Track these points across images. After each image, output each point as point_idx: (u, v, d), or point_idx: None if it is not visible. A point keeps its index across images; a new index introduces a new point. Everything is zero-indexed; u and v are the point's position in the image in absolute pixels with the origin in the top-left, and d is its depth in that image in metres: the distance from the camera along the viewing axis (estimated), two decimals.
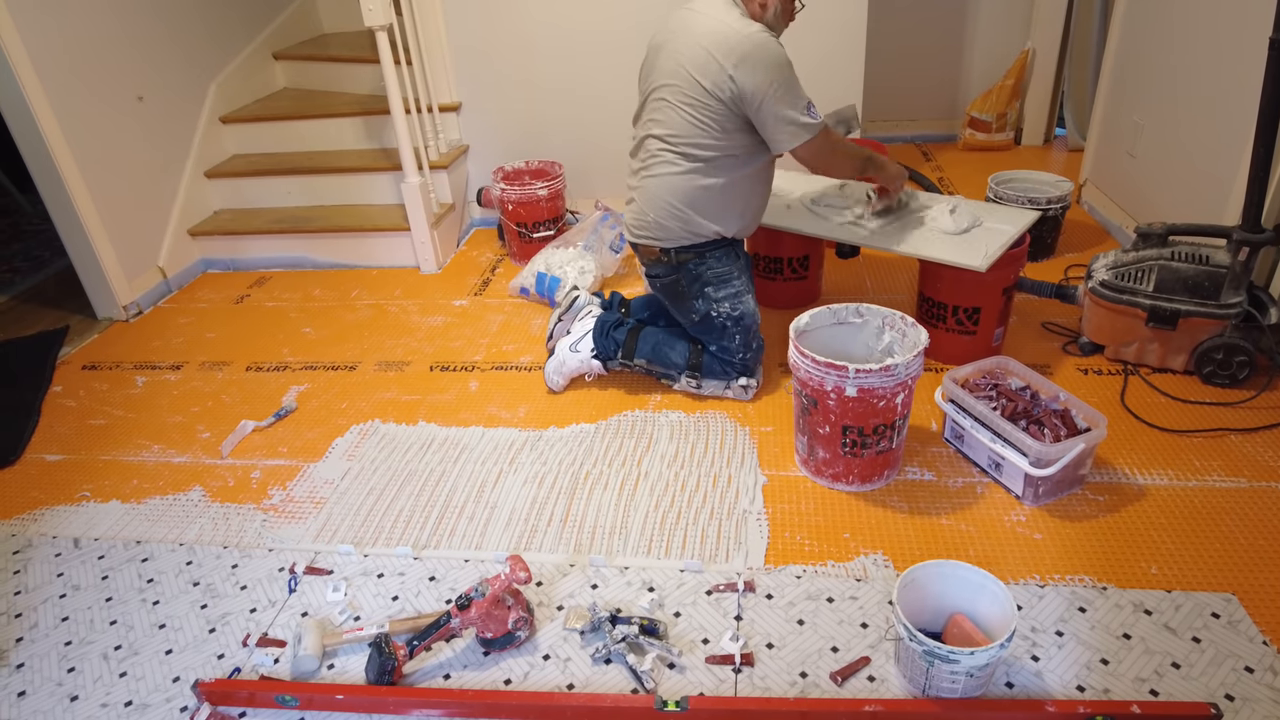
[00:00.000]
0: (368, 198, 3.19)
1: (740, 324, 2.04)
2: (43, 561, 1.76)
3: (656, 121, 1.94)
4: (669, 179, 1.95)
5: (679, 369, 2.11)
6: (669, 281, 2.07)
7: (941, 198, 2.30)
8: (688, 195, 1.94)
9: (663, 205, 1.97)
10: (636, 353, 2.13)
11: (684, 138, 1.90)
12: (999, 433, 1.70)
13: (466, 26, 3.06)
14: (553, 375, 2.18)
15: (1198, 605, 1.44)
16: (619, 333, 2.15)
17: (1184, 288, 1.97)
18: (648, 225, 2.01)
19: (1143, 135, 2.67)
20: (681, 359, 2.10)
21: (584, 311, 2.22)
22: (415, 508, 1.83)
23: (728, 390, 2.12)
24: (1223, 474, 1.74)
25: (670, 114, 1.90)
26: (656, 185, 1.97)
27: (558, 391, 2.20)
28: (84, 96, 2.66)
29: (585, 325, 2.17)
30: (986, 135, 3.78)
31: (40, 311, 2.99)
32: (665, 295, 2.12)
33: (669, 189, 1.95)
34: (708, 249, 2.01)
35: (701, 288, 2.03)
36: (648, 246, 2.04)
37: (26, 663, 1.52)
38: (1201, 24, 2.34)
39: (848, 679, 1.36)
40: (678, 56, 1.88)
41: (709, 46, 1.81)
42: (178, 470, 2.03)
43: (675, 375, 2.13)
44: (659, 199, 1.97)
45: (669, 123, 1.91)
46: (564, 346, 2.16)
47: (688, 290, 2.05)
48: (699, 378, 2.11)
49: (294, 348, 2.57)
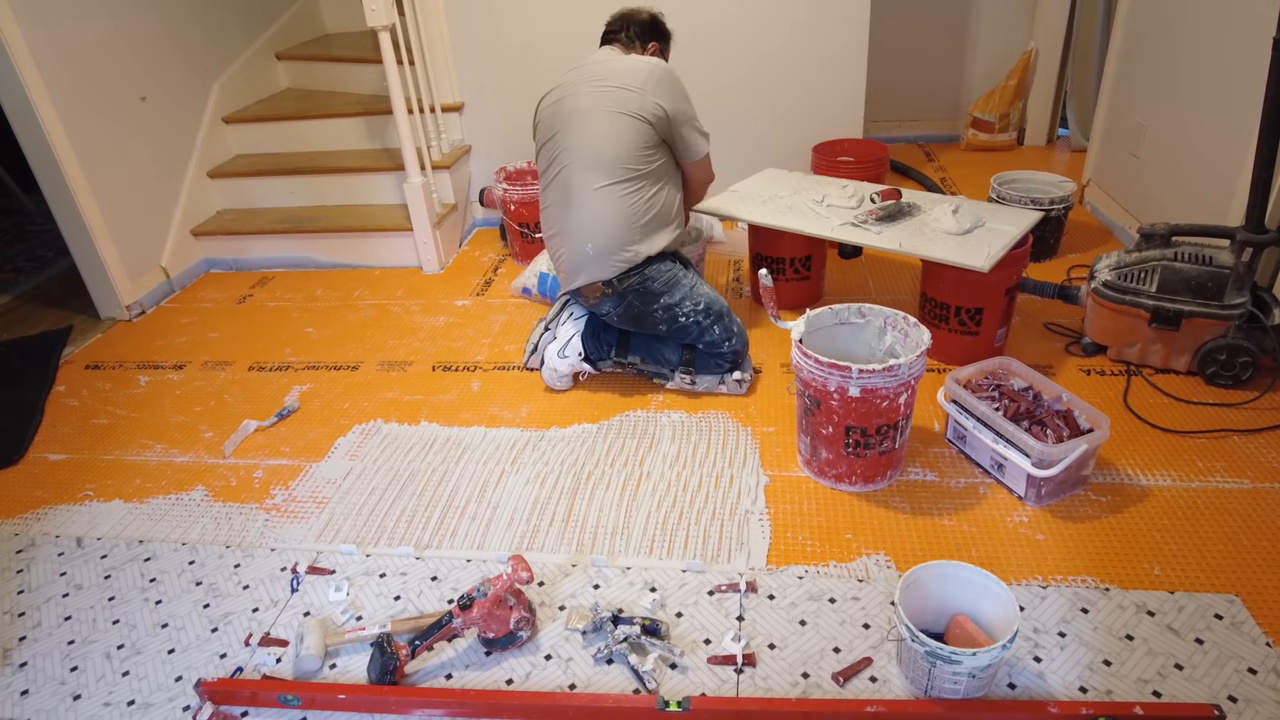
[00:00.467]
0: (370, 198, 3.19)
1: (710, 313, 2.06)
2: (46, 560, 1.77)
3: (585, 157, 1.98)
4: (602, 204, 1.97)
5: (672, 366, 2.13)
6: (622, 310, 2.07)
7: (944, 198, 2.30)
8: (627, 214, 1.98)
9: (601, 232, 1.98)
10: (630, 351, 2.15)
11: (622, 162, 1.97)
12: (1001, 433, 1.70)
13: (469, 27, 3.07)
14: (554, 382, 2.19)
15: (1201, 606, 1.43)
16: (609, 334, 2.16)
17: (1187, 288, 1.96)
18: (585, 260, 2.01)
19: (1146, 136, 2.66)
20: (675, 355, 2.12)
21: (568, 316, 2.19)
22: (417, 507, 1.83)
23: (721, 385, 2.13)
24: (1226, 475, 1.74)
25: (601, 143, 1.96)
26: (589, 215, 1.98)
27: (562, 391, 2.20)
28: (87, 97, 2.67)
29: (569, 330, 2.17)
30: (989, 135, 3.78)
31: (43, 311, 2.99)
32: (626, 322, 2.11)
33: (604, 214, 1.97)
34: (644, 265, 2.02)
35: (655, 299, 2.04)
36: (590, 286, 2.03)
37: (30, 661, 1.52)
38: (1204, 24, 2.33)
39: (850, 679, 1.36)
40: (596, 99, 1.99)
41: (628, 79, 1.98)
42: (180, 470, 2.03)
43: (669, 373, 2.14)
44: (594, 228, 1.98)
45: (603, 154, 1.96)
46: (551, 354, 2.16)
47: (644, 309, 2.05)
48: (693, 373, 2.12)
49: (296, 347, 2.57)
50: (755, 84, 3.11)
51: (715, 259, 2.93)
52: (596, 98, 1.99)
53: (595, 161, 1.97)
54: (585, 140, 1.98)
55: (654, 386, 2.20)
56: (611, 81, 1.99)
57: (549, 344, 2.19)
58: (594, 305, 2.09)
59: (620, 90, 1.98)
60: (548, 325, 2.22)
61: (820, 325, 1.81)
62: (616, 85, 1.98)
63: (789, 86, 3.10)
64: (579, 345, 2.15)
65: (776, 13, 2.97)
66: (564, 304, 2.23)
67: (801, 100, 3.12)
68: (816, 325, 1.80)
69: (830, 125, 3.13)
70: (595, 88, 2.00)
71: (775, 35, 3.02)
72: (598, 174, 1.97)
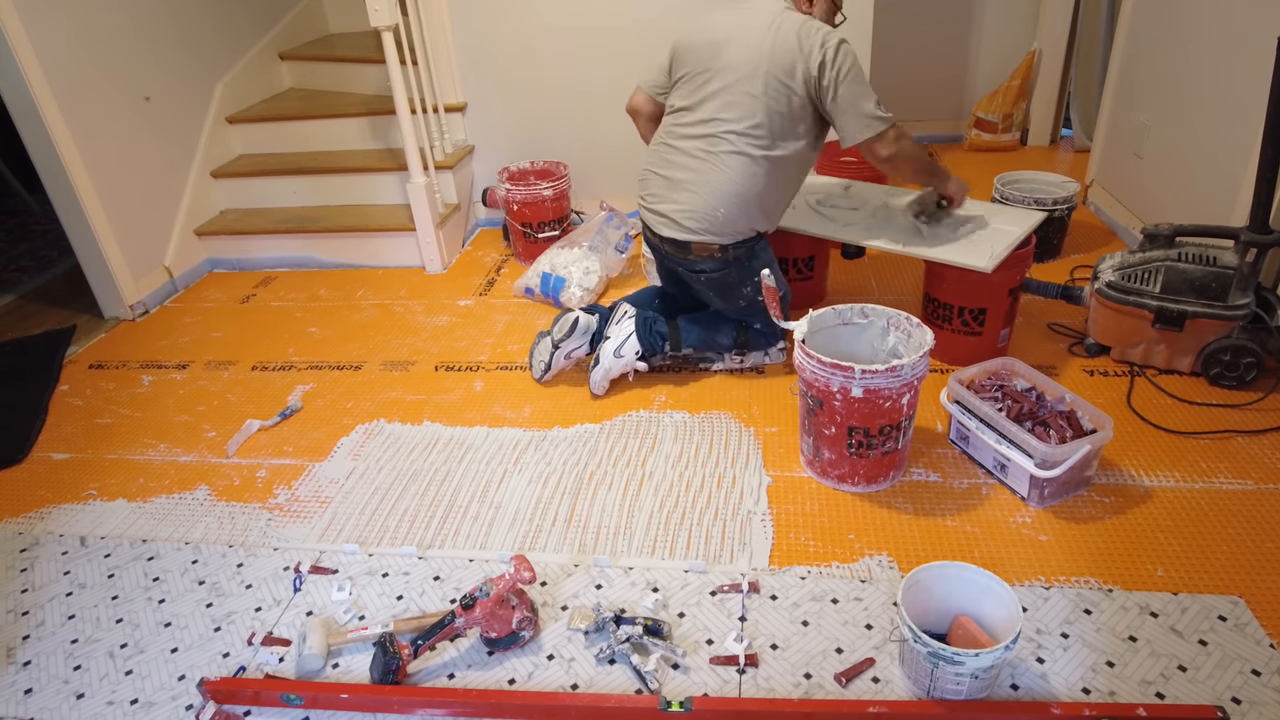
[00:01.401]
0: (373, 198, 3.19)
1: (784, 300, 2.07)
2: (49, 559, 1.77)
3: (730, 111, 1.92)
4: (743, 172, 1.94)
5: (726, 349, 2.19)
6: (718, 276, 2.07)
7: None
8: (759, 188, 1.96)
9: (733, 199, 1.95)
10: (683, 343, 2.16)
11: (763, 130, 1.91)
12: (1004, 434, 1.70)
13: (472, 27, 3.07)
14: (601, 383, 2.15)
15: (1204, 608, 1.43)
16: (660, 327, 2.16)
17: (1191, 289, 1.96)
18: (712, 221, 1.97)
19: (1149, 136, 2.66)
20: (729, 339, 2.18)
21: (621, 315, 2.16)
22: (420, 507, 1.83)
23: (766, 357, 2.23)
24: (1229, 476, 1.73)
25: (750, 105, 1.90)
26: (726, 179, 1.94)
27: (600, 396, 2.17)
28: (91, 97, 2.67)
29: (624, 329, 2.13)
30: (992, 136, 3.77)
31: (47, 311, 3.00)
32: (711, 288, 2.11)
33: (741, 182, 1.94)
34: (757, 240, 2.06)
35: (751, 276, 2.07)
36: (703, 244, 2.01)
37: (33, 660, 1.53)
38: (1209, 24, 2.33)
39: (852, 680, 1.36)
40: (752, 50, 1.89)
41: (788, 39, 1.86)
42: (183, 469, 2.04)
43: (720, 355, 2.21)
44: (729, 193, 1.95)
45: (748, 114, 1.91)
46: (608, 353, 2.12)
47: (739, 280, 2.08)
48: (745, 353, 2.20)
49: (299, 347, 2.57)
50: None
51: None
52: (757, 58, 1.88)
53: (750, 128, 1.91)
54: (741, 101, 1.90)
55: (656, 387, 2.20)
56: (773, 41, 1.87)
57: (602, 344, 2.14)
58: (691, 261, 2.06)
59: (778, 54, 1.87)
60: (556, 343, 2.18)
61: (823, 325, 1.81)
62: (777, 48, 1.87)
63: None
64: (635, 344, 2.13)
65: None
66: (573, 323, 2.17)
67: None
68: (819, 325, 1.80)
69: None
70: (756, 39, 1.89)
71: None
72: (752, 142, 1.92)
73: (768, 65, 1.88)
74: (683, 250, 2.05)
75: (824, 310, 1.80)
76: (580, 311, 2.21)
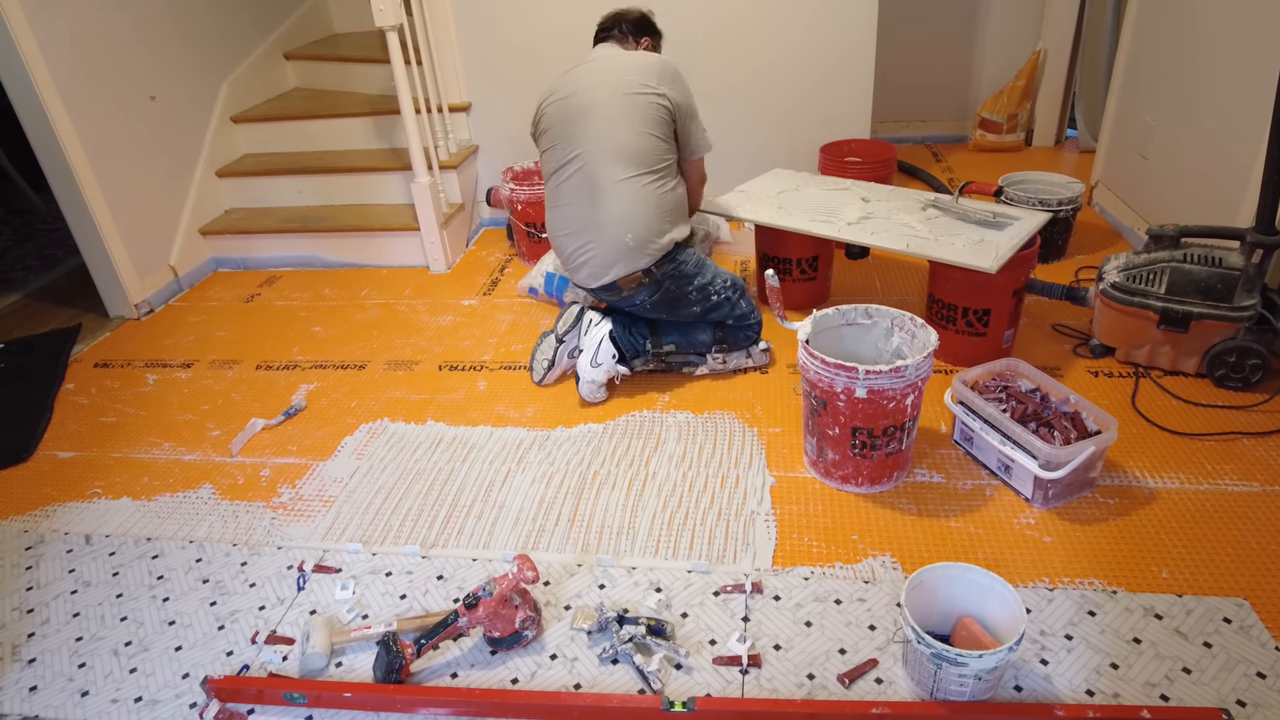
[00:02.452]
0: (378, 197, 3.20)
1: (736, 287, 2.16)
2: (54, 557, 1.78)
3: (609, 150, 2.00)
4: (633, 197, 1.99)
5: (707, 346, 2.19)
6: (658, 297, 2.10)
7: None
8: (658, 203, 2.01)
9: (636, 222, 1.99)
10: (664, 340, 2.17)
11: (646, 153, 2.00)
12: (1009, 435, 1.69)
13: (476, 27, 3.07)
14: (591, 393, 2.13)
15: (1209, 610, 1.43)
16: (639, 327, 2.16)
17: (1196, 290, 1.95)
18: (624, 251, 2.01)
19: (1155, 136, 2.65)
20: (709, 337, 2.19)
21: (589, 325, 2.17)
22: (424, 507, 1.83)
23: (749, 359, 2.23)
24: (1235, 478, 1.73)
25: (626, 136, 1.99)
26: (620, 209, 2.00)
27: (599, 403, 2.15)
28: (97, 96, 2.68)
29: (595, 336, 2.13)
30: (997, 136, 3.77)
31: (53, 309, 3.01)
32: (659, 309, 2.14)
33: (635, 205, 1.99)
34: (679, 250, 2.09)
35: (690, 281, 2.10)
36: (629, 277, 2.04)
37: (38, 658, 1.53)
38: (1214, 24, 2.32)
39: (855, 681, 1.36)
40: (611, 92, 2.01)
41: (637, 74, 2.02)
42: (188, 468, 2.04)
43: (702, 356, 2.20)
44: (627, 218, 1.99)
45: (627, 146, 1.99)
46: (584, 366, 2.11)
47: (680, 291, 2.10)
48: (725, 351, 2.20)
49: (304, 346, 2.58)
50: (763, 84, 3.10)
51: (722, 259, 2.92)
52: (611, 92, 2.01)
53: (621, 153, 1.99)
54: (607, 133, 2.00)
55: (660, 387, 2.20)
56: (624, 76, 2.02)
57: (578, 357, 2.15)
58: (627, 296, 2.09)
59: (635, 84, 2.01)
60: (560, 337, 2.19)
61: (827, 326, 1.81)
62: (630, 79, 2.01)
63: (796, 86, 3.09)
64: (610, 348, 2.12)
65: (785, 13, 2.97)
66: (577, 315, 2.19)
67: (809, 100, 3.11)
68: (823, 326, 1.80)
69: (838, 125, 3.12)
70: (608, 82, 2.02)
71: (783, 35, 3.01)
72: (625, 166, 1.99)
73: (621, 97, 2.00)
74: (613, 292, 2.09)
75: (828, 310, 1.80)
76: (583, 305, 2.23)
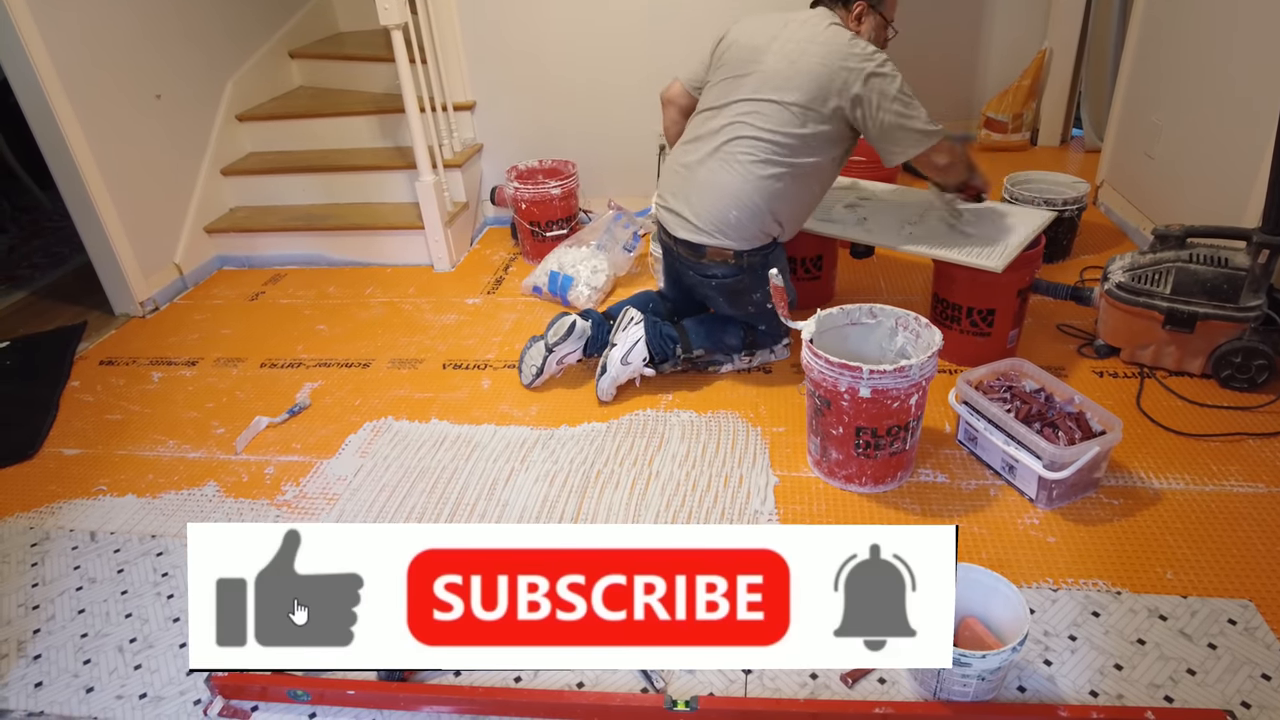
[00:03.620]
0: (382, 196, 3.20)
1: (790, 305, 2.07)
2: (60, 554, 1.78)
3: (756, 119, 1.91)
4: (760, 179, 1.92)
5: (735, 349, 2.19)
6: (730, 282, 2.05)
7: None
8: (775, 196, 1.94)
9: (746, 204, 1.94)
10: (694, 345, 2.14)
11: (788, 142, 1.90)
12: (1013, 435, 1.69)
13: (481, 25, 3.07)
14: (609, 389, 2.12)
15: (1214, 611, 1.42)
16: (668, 330, 2.14)
17: (1202, 290, 1.95)
18: (724, 225, 1.96)
19: (1161, 136, 2.64)
20: (738, 340, 2.18)
21: (628, 322, 2.13)
22: (427, 505, 1.84)
23: (772, 354, 2.25)
24: (1240, 479, 1.72)
25: (778, 116, 1.89)
26: (741, 184, 1.93)
27: (607, 402, 2.15)
28: (103, 94, 2.69)
29: (633, 335, 2.10)
30: (1002, 135, 3.76)
31: (59, 307, 3.02)
32: (721, 294, 2.10)
33: (757, 188, 1.93)
34: (773, 248, 2.04)
35: (762, 284, 2.04)
36: (718, 249, 1.99)
37: (44, 654, 1.54)
38: (1221, 23, 2.31)
39: (858, 681, 1.36)
40: (793, 61, 1.88)
41: (831, 58, 1.85)
42: (192, 465, 2.05)
43: (729, 357, 2.20)
44: (742, 198, 1.93)
45: (774, 125, 1.90)
46: (615, 360, 2.08)
47: (750, 287, 2.06)
48: (754, 353, 2.21)
49: (308, 345, 2.58)
50: None
51: None
52: (791, 70, 1.88)
53: (769, 136, 1.90)
54: (766, 109, 1.90)
55: (663, 387, 2.20)
56: (816, 56, 1.86)
57: (609, 351, 2.11)
58: (704, 265, 2.04)
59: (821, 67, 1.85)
60: (550, 346, 2.15)
61: (831, 325, 1.81)
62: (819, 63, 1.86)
63: None
64: (644, 350, 2.10)
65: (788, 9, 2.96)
66: (569, 327, 2.14)
67: None
68: (827, 325, 1.80)
69: None
70: (799, 51, 1.88)
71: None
72: (774, 151, 1.91)
73: (803, 80, 1.87)
74: (696, 253, 2.03)
75: (832, 310, 1.80)
76: (576, 316, 2.18)
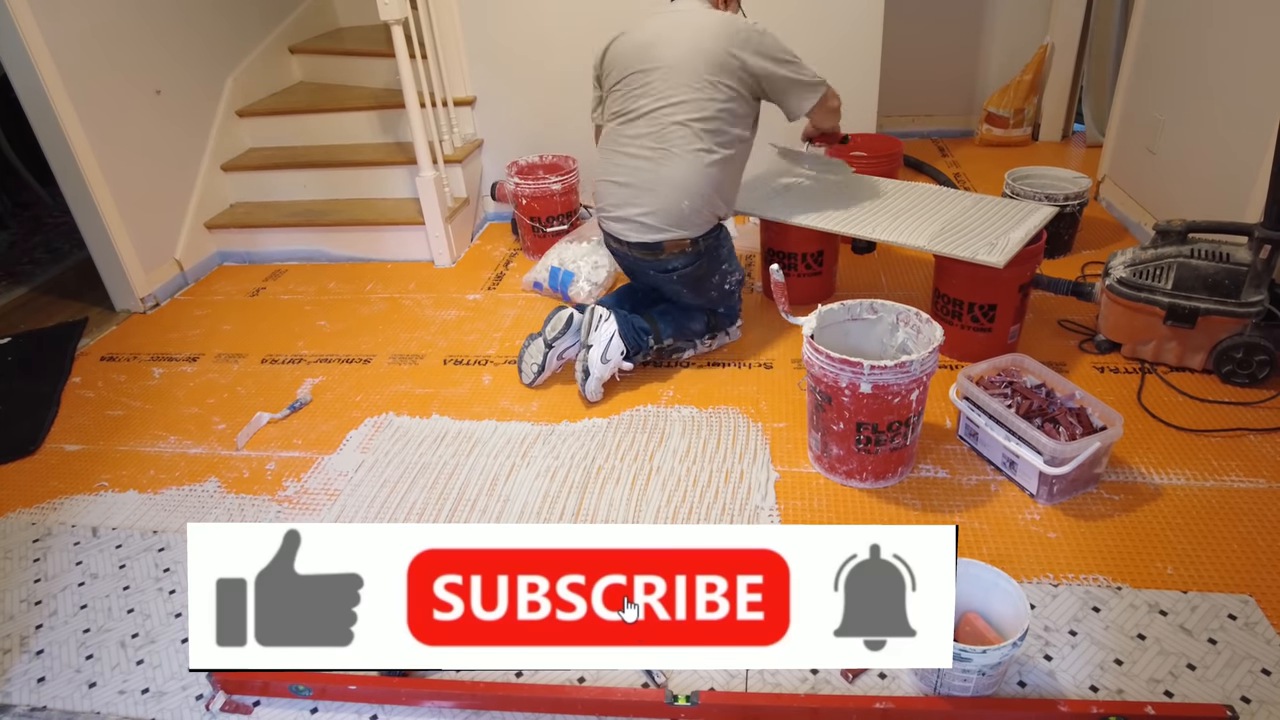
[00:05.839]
0: (382, 191, 3.20)
1: (741, 283, 2.23)
2: (62, 550, 1.79)
3: (674, 107, 1.98)
4: (705, 166, 1.99)
5: (700, 335, 2.24)
6: (689, 271, 2.10)
7: None
8: (719, 179, 2.03)
9: (695, 191, 1.99)
10: (663, 334, 2.18)
11: (710, 122, 1.98)
12: (1014, 430, 1.69)
13: (481, 21, 3.06)
14: (596, 390, 2.11)
15: (1214, 606, 1.42)
16: (640, 323, 2.16)
17: (1203, 286, 1.95)
18: (679, 216, 2.01)
19: (1163, 131, 2.64)
20: (701, 325, 2.24)
21: (598, 320, 2.13)
22: (428, 500, 1.84)
23: (728, 336, 2.33)
24: (1241, 474, 1.72)
25: (693, 100, 1.96)
26: (685, 172, 1.99)
27: (596, 402, 2.14)
28: (103, 90, 2.69)
29: (605, 332, 2.10)
30: (1004, 131, 3.75)
31: (60, 303, 3.02)
32: (683, 284, 2.14)
33: (704, 176, 2.00)
34: (720, 229, 2.12)
35: (719, 265, 2.13)
36: (674, 241, 2.04)
37: (46, 649, 1.54)
38: (1223, 18, 2.30)
39: (859, 676, 1.36)
40: (682, 48, 1.98)
41: (720, 37, 1.96)
42: (194, 461, 2.05)
43: (692, 344, 2.25)
44: (690, 185, 1.99)
45: (693, 109, 1.97)
46: (595, 360, 2.08)
47: (709, 271, 2.12)
48: (715, 337, 2.29)
49: (309, 340, 2.58)
50: None
51: None
52: (691, 53, 1.96)
53: (693, 119, 1.97)
54: (682, 95, 1.97)
55: (665, 381, 2.20)
56: (702, 39, 1.96)
57: (587, 352, 2.10)
58: (663, 261, 2.09)
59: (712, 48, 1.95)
60: (549, 342, 2.15)
61: (832, 321, 1.81)
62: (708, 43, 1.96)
63: None
64: (620, 344, 2.11)
65: (790, 7, 2.95)
66: (567, 320, 2.15)
67: None
68: (828, 321, 1.79)
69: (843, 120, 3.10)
70: (687, 41, 1.97)
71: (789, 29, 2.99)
72: (703, 132, 1.98)
73: (700, 61, 1.96)
74: (653, 252, 2.08)
75: (833, 305, 1.80)
76: (573, 309, 2.19)
